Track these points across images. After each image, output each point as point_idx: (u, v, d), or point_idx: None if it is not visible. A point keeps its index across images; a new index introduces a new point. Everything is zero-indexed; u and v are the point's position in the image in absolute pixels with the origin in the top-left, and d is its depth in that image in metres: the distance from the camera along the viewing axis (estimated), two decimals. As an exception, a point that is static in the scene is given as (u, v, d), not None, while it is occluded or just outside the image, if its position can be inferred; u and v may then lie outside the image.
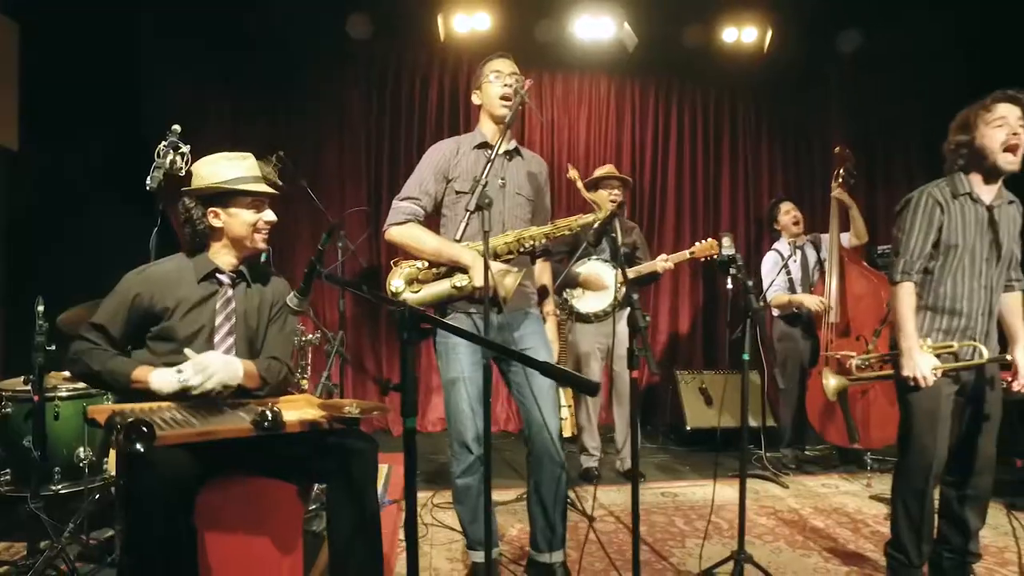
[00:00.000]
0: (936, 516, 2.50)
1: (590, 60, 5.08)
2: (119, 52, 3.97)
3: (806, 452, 4.33)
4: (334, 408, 1.87)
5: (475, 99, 2.45)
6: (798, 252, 4.07)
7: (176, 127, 2.47)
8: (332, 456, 1.88)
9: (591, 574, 2.61)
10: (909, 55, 4.92)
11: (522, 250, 2.32)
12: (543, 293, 2.59)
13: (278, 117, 4.75)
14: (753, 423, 4.31)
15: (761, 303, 2.12)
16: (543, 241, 2.34)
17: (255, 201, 1.98)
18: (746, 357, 2.25)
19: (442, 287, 2.27)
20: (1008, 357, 2.25)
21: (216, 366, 1.80)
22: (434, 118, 5.08)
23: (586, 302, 3.76)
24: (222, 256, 1.99)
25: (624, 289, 3.68)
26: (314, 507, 2.87)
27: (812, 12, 4.73)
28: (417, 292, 2.28)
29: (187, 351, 1.82)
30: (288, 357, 2.13)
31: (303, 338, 3.27)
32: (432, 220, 2.43)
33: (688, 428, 4.51)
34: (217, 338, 1.95)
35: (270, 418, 1.72)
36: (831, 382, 2.64)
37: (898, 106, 5.20)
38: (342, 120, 4.95)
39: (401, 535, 2.97)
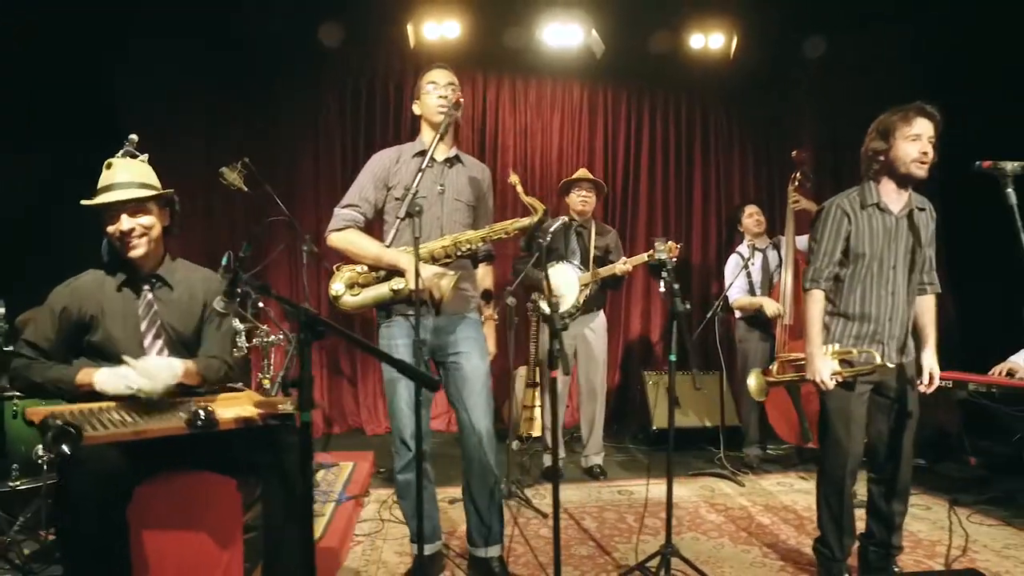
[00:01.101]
0: (865, 510, 2.60)
1: (562, 66, 5.17)
2: (89, 54, 4.03)
3: (768, 451, 4.41)
4: (269, 405, 1.97)
5: (415, 109, 2.54)
6: (758, 254, 4.15)
7: (133, 136, 2.54)
8: (266, 450, 1.96)
9: (532, 568, 2.69)
10: (874, 60, 4.99)
11: (459, 254, 2.41)
12: (486, 297, 2.69)
13: (254, 123, 4.84)
14: (710, 424, 4.40)
15: (688, 305, 2.19)
16: (480, 244, 2.43)
17: (108, 212, 1.96)
18: (673, 358, 2.33)
19: (381, 290, 2.36)
20: (891, 364, 2.34)
21: (154, 369, 1.87)
22: (408, 125, 5.17)
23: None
24: (134, 264, 2.03)
25: (588, 292, 3.79)
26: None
27: (777, 19, 4.81)
28: (357, 295, 2.36)
29: (126, 359, 1.90)
30: (228, 354, 2.18)
31: (266, 339, 3.36)
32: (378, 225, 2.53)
33: (654, 428, 4.59)
34: (147, 342, 2.03)
35: (203, 416, 1.81)
36: (752, 383, 2.72)
37: (864, 110, 5.25)
38: (318, 126, 5.05)
39: (358, 530, 3.07)
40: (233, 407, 2.02)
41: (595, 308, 3.91)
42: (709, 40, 4.89)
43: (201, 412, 1.80)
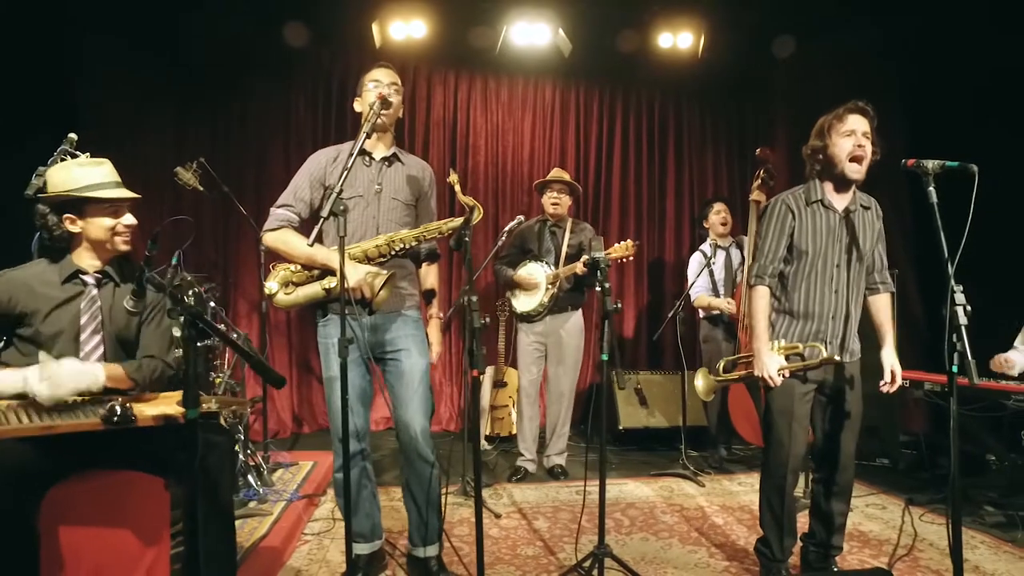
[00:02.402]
0: (808, 510, 2.59)
1: (533, 66, 5.17)
2: (46, 50, 4.01)
3: (734, 451, 4.40)
4: (191, 404, 1.96)
5: (357, 107, 2.53)
6: (720, 253, 4.14)
7: (72, 136, 2.54)
8: (188, 449, 1.96)
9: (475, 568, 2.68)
10: (844, 60, 4.97)
11: (394, 253, 2.40)
12: (429, 296, 2.68)
13: (221, 123, 4.84)
14: (669, 423, 4.39)
15: (618, 304, 2.18)
16: (414, 243, 2.42)
17: (113, 206, 2.05)
18: (605, 358, 2.32)
19: (314, 289, 2.35)
20: (837, 358, 2.33)
21: (66, 375, 1.84)
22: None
23: (521, 302, 3.85)
24: (85, 259, 2.07)
25: (557, 291, 3.78)
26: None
27: (745, 19, 4.79)
28: (291, 294, 2.36)
29: (41, 355, 1.89)
30: (165, 353, 2.19)
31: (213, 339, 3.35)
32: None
33: (621, 428, 4.58)
34: (83, 337, 2.03)
35: (119, 412, 1.80)
36: (700, 382, 2.71)
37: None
38: (288, 126, 5.04)
39: (308, 529, 3.06)
40: (158, 405, 2.02)
41: (569, 308, 3.90)
42: (678, 39, 4.88)
43: (117, 408, 1.79)
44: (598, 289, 2.41)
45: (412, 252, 2.52)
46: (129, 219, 2.09)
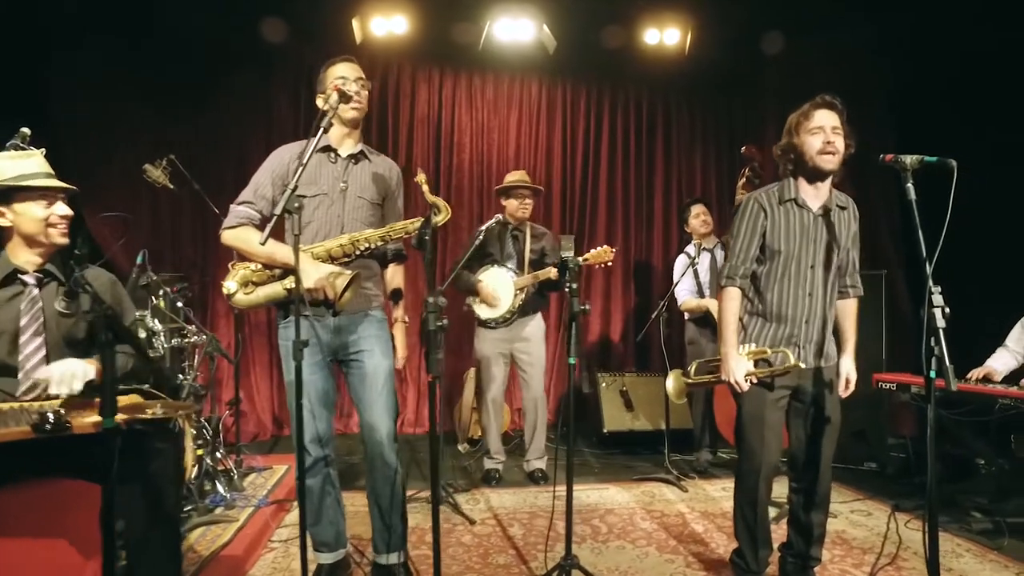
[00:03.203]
0: (788, 521, 2.51)
1: (519, 63, 5.09)
2: (21, 50, 3.95)
3: (720, 455, 4.32)
4: (135, 409, 1.88)
5: (319, 103, 2.45)
6: (705, 254, 4.06)
7: (25, 130, 2.45)
8: (131, 457, 1.88)
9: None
10: (836, 57, 4.89)
11: (358, 252, 2.33)
12: (396, 297, 2.60)
13: (201, 120, 4.76)
14: (655, 426, 4.32)
15: (586, 306, 2.11)
16: (379, 243, 2.35)
17: (45, 196, 1.95)
18: (572, 361, 2.24)
19: (275, 289, 2.27)
20: (803, 365, 2.25)
21: (72, 375, 1.84)
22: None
23: (484, 308, 3.76)
24: (21, 255, 1.98)
25: (524, 296, 3.69)
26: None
27: (732, 15, 4.72)
28: (250, 294, 2.28)
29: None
30: (129, 348, 2.14)
31: (187, 340, 3.27)
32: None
33: (605, 431, 4.50)
34: (23, 339, 1.95)
35: (52, 420, 1.72)
36: (670, 384, 2.63)
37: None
38: (269, 125, 4.95)
39: (277, 535, 2.98)
40: (96, 411, 1.94)
41: (531, 312, 3.82)
42: (664, 35, 4.80)
43: (50, 415, 1.71)
44: (566, 290, 2.33)
45: (378, 252, 2.44)
46: (63, 209, 1.99)
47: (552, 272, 3.58)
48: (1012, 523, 2.99)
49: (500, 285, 3.68)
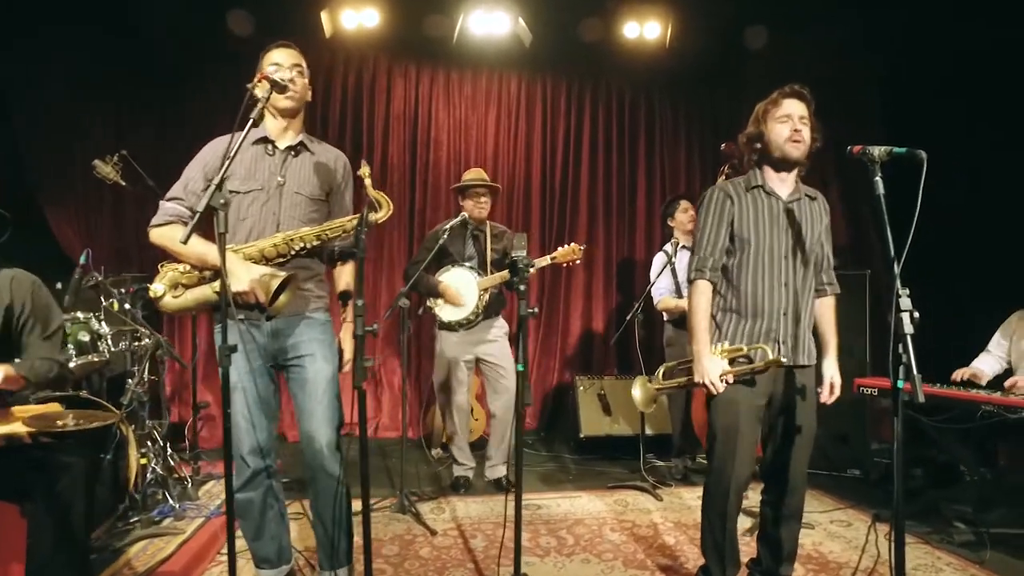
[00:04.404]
0: (758, 535, 2.38)
1: (496, 58, 4.96)
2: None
3: (699, 461, 4.18)
4: (44, 421, 1.75)
5: (258, 92, 2.30)
6: (684, 252, 3.92)
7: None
8: (38, 471, 1.75)
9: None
10: (822, 52, 4.76)
11: (294, 252, 2.19)
12: (344, 298, 2.46)
13: (167, 117, 4.62)
14: (651, 431, 4.17)
15: (534, 309, 2.00)
16: (315, 242, 2.20)
17: None
18: (520, 368, 2.10)
19: (204, 292, 2.13)
20: (785, 360, 2.10)
21: None
22: (328, 116, 4.95)
23: (448, 310, 3.61)
24: None
25: (486, 296, 3.55)
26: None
27: (714, 8, 4.59)
28: (179, 297, 2.14)
29: None
30: (57, 353, 2.05)
31: (138, 343, 3.14)
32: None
33: (582, 436, 4.36)
34: None
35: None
36: (637, 392, 2.50)
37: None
38: (242, 122, 4.80)
39: (224, 549, 2.83)
40: (8, 422, 1.81)
41: (495, 313, 3.68)
42: (644, 29, 4.66)
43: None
44: (517, 291, 2.19)
45: (321, 251, 2.30)
46: None
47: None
48: (996, 534, 2.86)
49: (463, 286, 3.54)
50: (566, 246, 3.44)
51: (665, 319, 4.03)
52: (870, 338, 3.97)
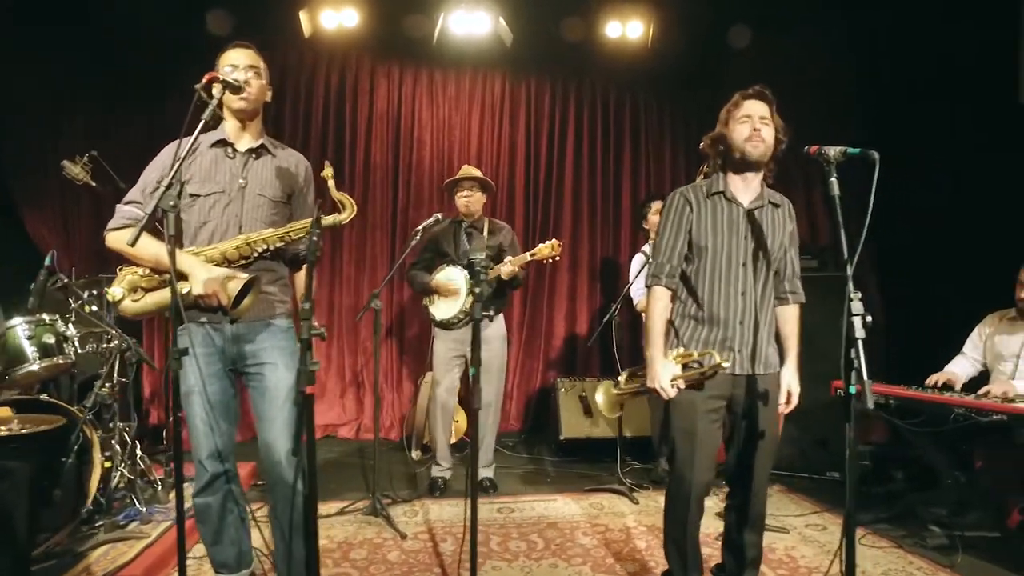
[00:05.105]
0: (723, 541, 2.36)
1: (479, 57, 4.94)
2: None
3: (680, 463, 4.16)
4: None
5: (215, 92, 2.28)
6: (661, 255, 3.89)
7: None
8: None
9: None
10: (801, 51, 4.74)
11: (256, 254, 2.17)
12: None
13: (144, 118, 4.57)
14: (630, 434, 4.15)
15: (491, 312, 1.99)
16: (278, 244, 2.18)
17: None
18: (473, 371, 2.08)
19: (164, 295, 2.11)
20: (725, 365, 2.08)
21: None
22: (303, 114, 4.93)
23: (440, 308, 3.61)
24: None
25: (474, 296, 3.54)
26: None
27: (697, 8, 4.56)
28: (139, 300, 2.12)
29: None
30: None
31: (106, 345, 3.12)
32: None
33: (562, 438, 4.34)
34: None
35: None
36: (600, 398, 2.47)
37: (793, 103, 5.02)
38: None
39: (196, 551, 2.81)
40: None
41: (490, 311, 3.65)
42: (626, 28, 4.63)
43: None
44: (475, 292, 2.17)
45: (285, 254, 2.28)
46: None
47: (504, 269, 3.41)
48: (970, 537, 2.84)
49: (453, 284, 3.53)
50: (545, 243, 3.41)
51: (644, 320, 4.00)
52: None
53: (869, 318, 1.64)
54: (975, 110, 4.04)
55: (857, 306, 1.63)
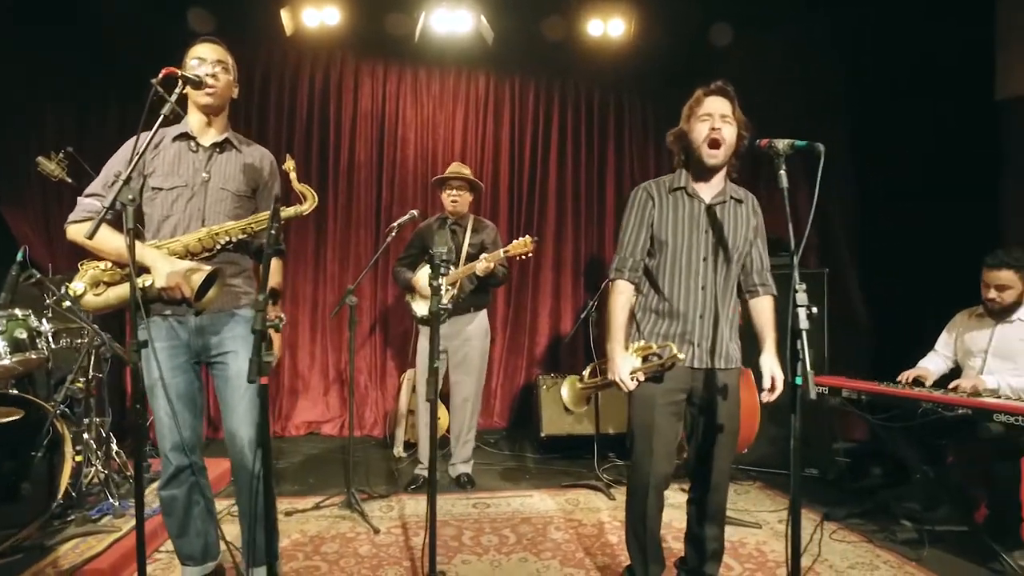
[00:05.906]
0: (685, 535, 2.36)
1: (461, 56, 4.94)
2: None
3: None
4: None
5: (180, 87, 2.30)
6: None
7: None
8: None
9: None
10: (785, 49, 4.75)
11: (219, 246, 2.18)
12: (272, 296, 2.45)
13: (126, 117, 4.59)
14: (613, 430, 4.18)
15: (449, 306, 2.01)
16: (240, 236, 2.20)
17: None
18: (436, 364, 2.09)
19: (126, 289, 2.12)
20: (681, 356, 2.09)
21: None
22: (287, 112, 4.94)
23: (420, 305, 3.63)
24: None
25: (458, 292, 3.55)
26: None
27: (680, 6, 4.57)
28: (101, 295, 2.13)
29: None
30: None
31: (80, 340, 3.13)
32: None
33: (543, 435, 4.35)
34: None
35: None
36: (565, 392, 2.48)
37: (775, 101, 5.03)
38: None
39: (165, 546, 2.83)
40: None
41: (472, 309, 3.66)
42: (608, 26, 4.64)
43: None
44: (432, 285, 2.18)
45: (250, 246, 2.30)
46: None
47: (478, 266, 3.43)
48: (939, 531, 2.85)
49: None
50: (519, 239, 3.43)
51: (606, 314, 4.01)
52: (828, 337, 3.94)
53: (815, 309, 1.64)
54: (957, 108, 4.04)
55: (802, 297, 1.63)
